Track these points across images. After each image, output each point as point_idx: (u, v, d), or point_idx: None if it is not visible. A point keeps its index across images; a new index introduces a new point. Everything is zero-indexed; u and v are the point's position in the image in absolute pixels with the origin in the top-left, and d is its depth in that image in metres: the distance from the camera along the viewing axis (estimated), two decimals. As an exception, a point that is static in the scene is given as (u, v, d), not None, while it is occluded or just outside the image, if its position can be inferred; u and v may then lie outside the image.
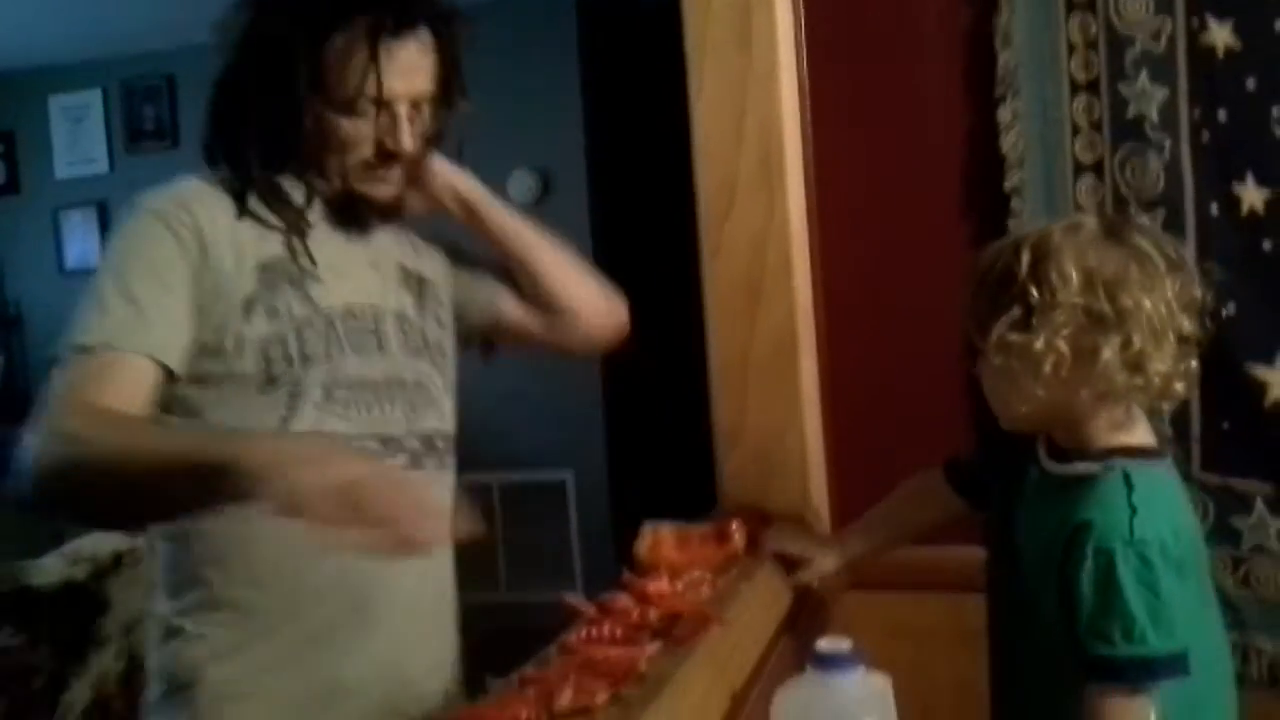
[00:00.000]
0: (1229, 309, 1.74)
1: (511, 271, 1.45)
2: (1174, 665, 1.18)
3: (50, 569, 2.38)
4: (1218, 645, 1.35)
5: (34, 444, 1.09)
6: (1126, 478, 1.22)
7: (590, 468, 4.58)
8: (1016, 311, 1.20)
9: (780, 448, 1.70)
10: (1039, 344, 1.19)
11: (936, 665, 1.59)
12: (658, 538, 1.37)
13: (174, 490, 1.03)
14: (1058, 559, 1.23)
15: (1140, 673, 1.17)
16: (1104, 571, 1.19)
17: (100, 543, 2.54)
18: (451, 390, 1.38)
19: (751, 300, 1.69)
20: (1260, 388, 1.86)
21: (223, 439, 1.08)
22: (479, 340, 1.48)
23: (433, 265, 1.41)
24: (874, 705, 1.08)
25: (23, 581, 2.32)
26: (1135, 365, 1.20)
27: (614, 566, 4.44)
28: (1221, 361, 1.68)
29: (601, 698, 0.95)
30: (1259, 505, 1.89)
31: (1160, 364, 1.21)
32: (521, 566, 4.78)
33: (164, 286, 1.17)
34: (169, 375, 1.17)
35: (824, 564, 1.53)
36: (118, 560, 2.54)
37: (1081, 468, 1.26)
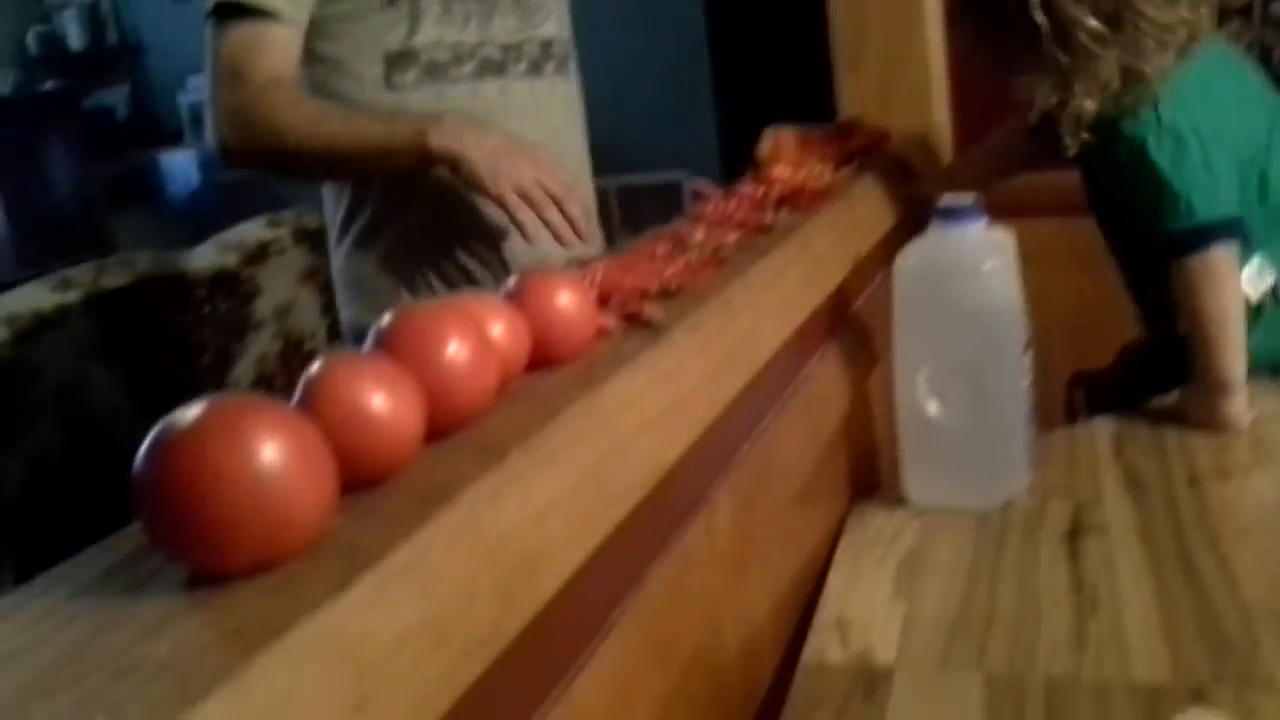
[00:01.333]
0: None
1: None
2: (1228, 228, 1.26)
3: (204, 256, 2.53)
4: None
5: (220, 121, 1.23)
6: None
7: (705, 168, 4.57)
8: None
9: (902, 66, 1.67)
10: None
11: (1054, 287, 1.60)
12: (779, 138, 1.39)
13: (368, 168, 1.25)
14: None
15: (1199, 240, 1.26)
16: (1140, 160, 1.26)
17: (246, 234, 2.67)
18: None
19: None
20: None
21: (412, 124, 1.19)
22: None
23: None
24: (995, 251, 1.11)
25: (181, 268, 2.46)
26: None
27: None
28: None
29: (731, 238, 1.00)
30: None
31: None
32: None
33: None
34: None
35: (934, 186, 1.54)
36: (264, 249, 2.67)
37: None
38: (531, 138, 1.24)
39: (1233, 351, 1.27)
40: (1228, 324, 1.28)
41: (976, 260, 1.09)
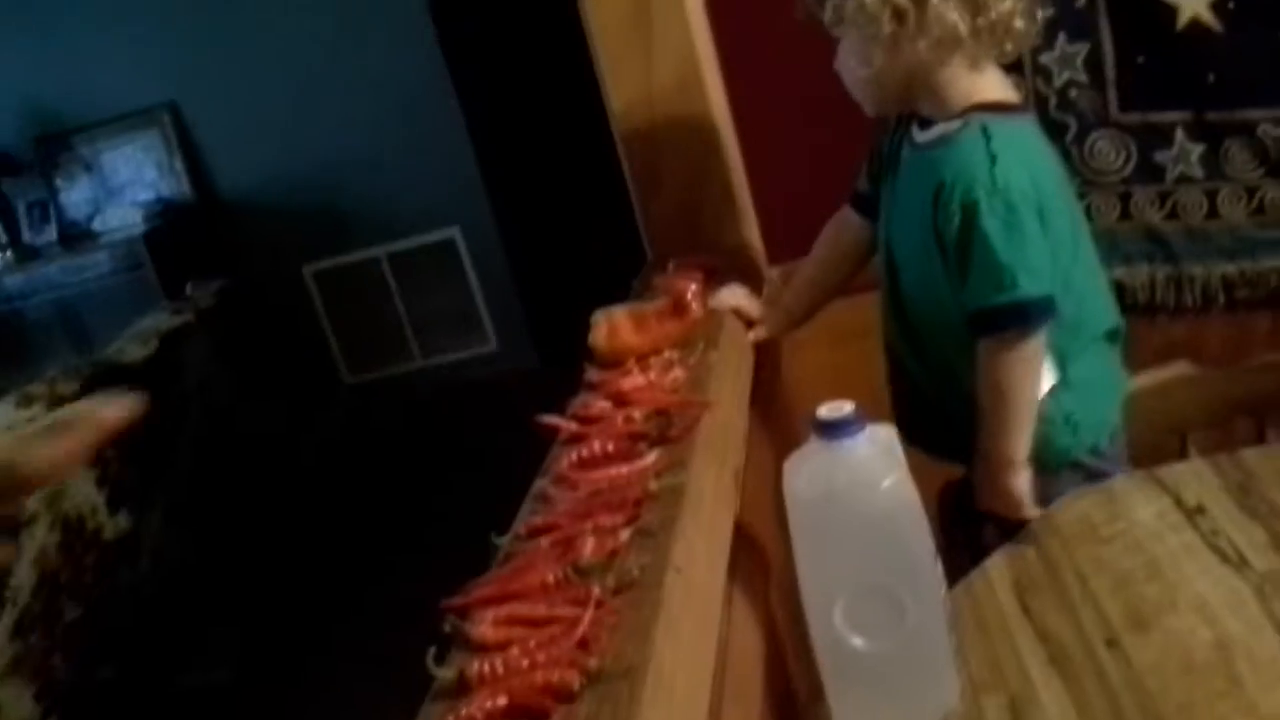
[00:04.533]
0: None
1: None
2: (1046, 308, 1.27)
3: None
4: (1097, 288, 1.44)
5: None
6: (984, 129, 1.27)
7: (477, 220, 4.41)
8: None
9: (703, 187, 1.59)
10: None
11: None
12: (613, 323, 1.28)
13: None
14: (930, 224, 1.30)
15: (1016, 318, 1.27)
16: (970, 224, 1.25)
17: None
18: None
19: (644, 34, 1.53)
20: (1171, 13, 1.81)
21: None
22: None
23: None
24: (887, 461, 1.04)
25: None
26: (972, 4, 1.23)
27: (521, 310, 4.39)
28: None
29: (624, 535, 0.88)
30: (1179, 135, 1.88)
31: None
32: (430, 333, 4.69)
33: None
34: None
35: (772, 326, 1.50)
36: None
37: (941, 128, 1.30)
38: None
39: (1027, 433, 1.30)
40: (1026, 406, 1.31)
41: (873, 479, 1.01)
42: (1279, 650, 1.03)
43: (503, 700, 0.72)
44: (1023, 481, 1.33)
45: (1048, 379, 1.37)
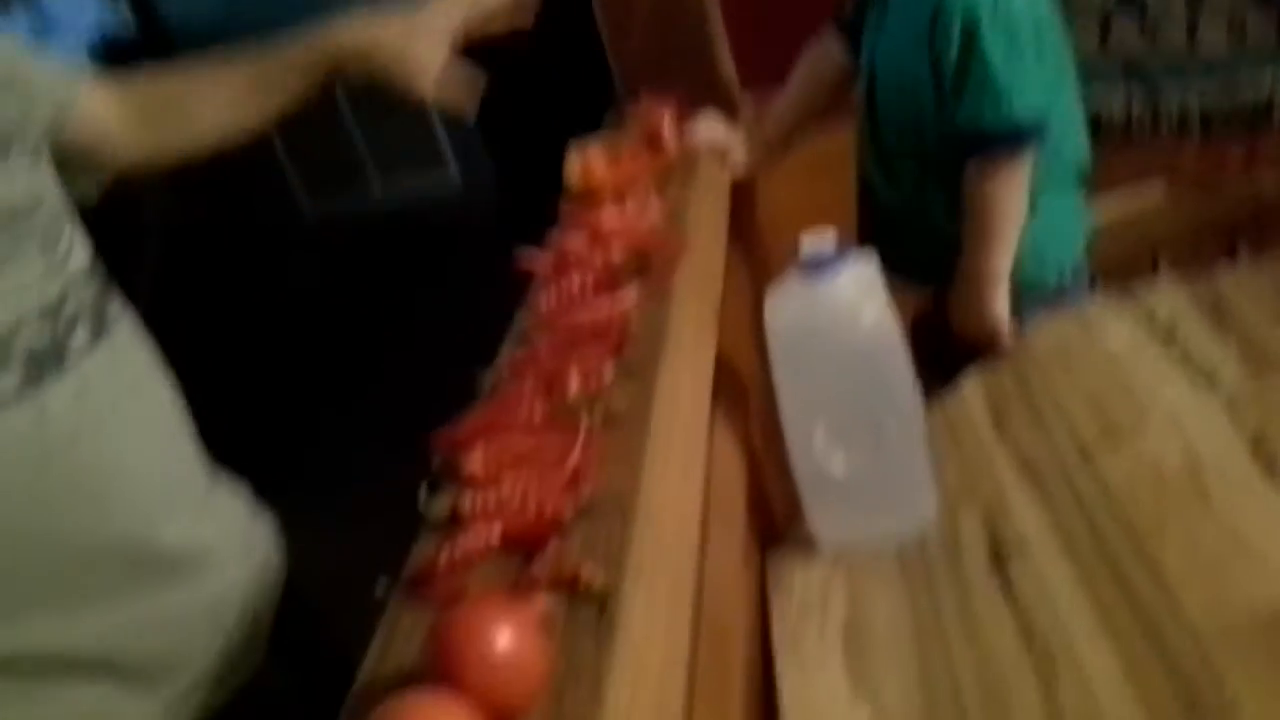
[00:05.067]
0: None
1: None
2: (1036, 132, 1.30)
3: None
4: (1074, 122, 1.46)
5: None
6: None
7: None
8: None
9: (674, 15, 1.54)
10: None
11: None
12: (588, 160, 1.25)
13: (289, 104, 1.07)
14: (924, 46, 1.29)
15: (1009, 140, 1.29)
16: (970, 44, 1.25)
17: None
18: None
19: None
20: None
21: (311, 40, 1.06)
22: None
23: None
24: (869, 293, 1.04)
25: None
26: None
27: (478, 138, 4.26)
28: None
29: (609, 374, 0.89)
30: (1161, -42, 1.83)
31: None
32: (390, 167, 4.60)
33: None
34: None
35: (749, 158, 1.48)
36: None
37: None
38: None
39: (1010, 251, 1.33)
40: (1012, 224, 1.33)
41: (855, 312, 1.01)
42: (1248, 466, 1.06)
43: (497, 533, 0.74)
44: (1002, 299, 1.36)
45: None
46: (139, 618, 0.90)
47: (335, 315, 4.03)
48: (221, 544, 0.97)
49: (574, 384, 0.87)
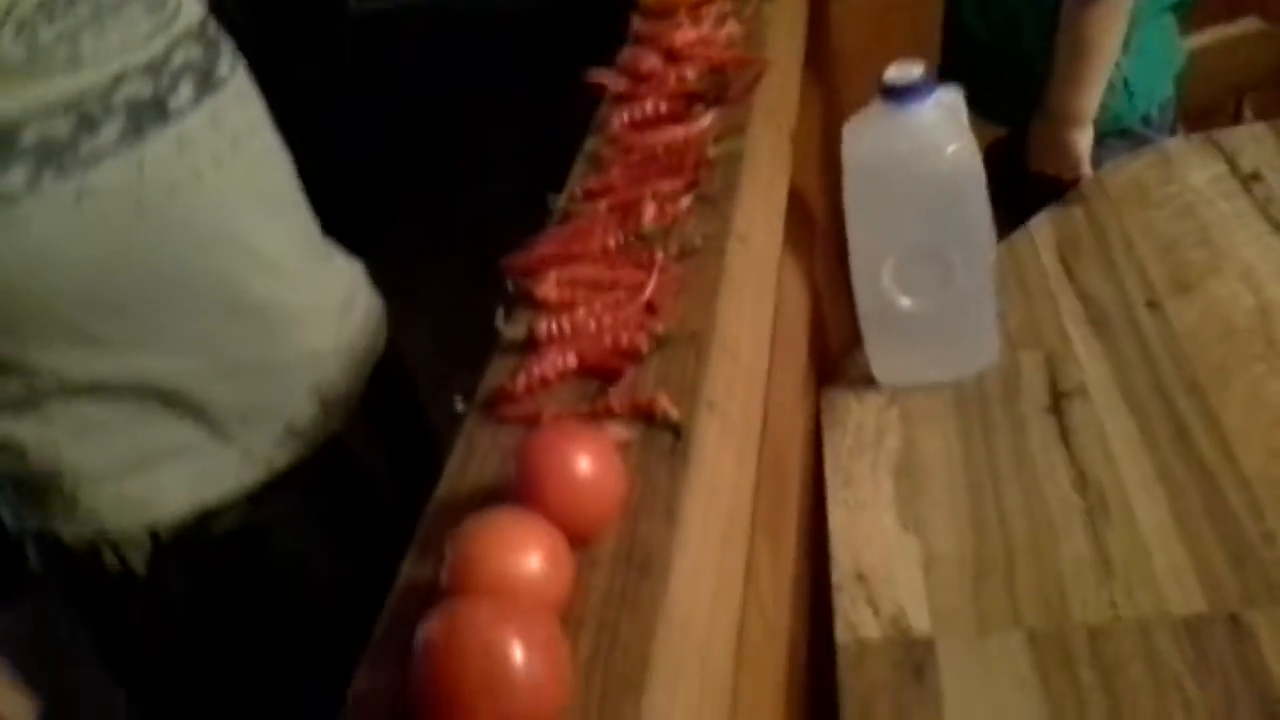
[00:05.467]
0: None
1: None
2: None
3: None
4: None
5: None
6: None
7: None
8: None
9: None
10: None
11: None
12: (663, -28, 1.20)
13: None
14: None
15: None
16: None
17: None
18: None
19: None
20: None
21: None
22: None
23: None
24: (954, 126, 1.01)
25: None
26: None
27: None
28: None
29: (684, 202, 0.88)
30: None
31: None
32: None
33: None
34: None
35: None
36: None
37: None
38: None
39: (1099, 89, 1.29)
40: (1106, 61, 1.29)
41: (938, 145, 0.99)
42: (1321, 319, 1.05)
43: (573, 360, 0.75)
44: (1085, 139, 1.33)
45: None
46: (233, 363, 0.94)
47: (383, 122, 3.96)
48: (321, 305, 1.01)
49: (649, 214, 0.86)
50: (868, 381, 1.13)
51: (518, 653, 0.51)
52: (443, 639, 0.51)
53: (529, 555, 0.57)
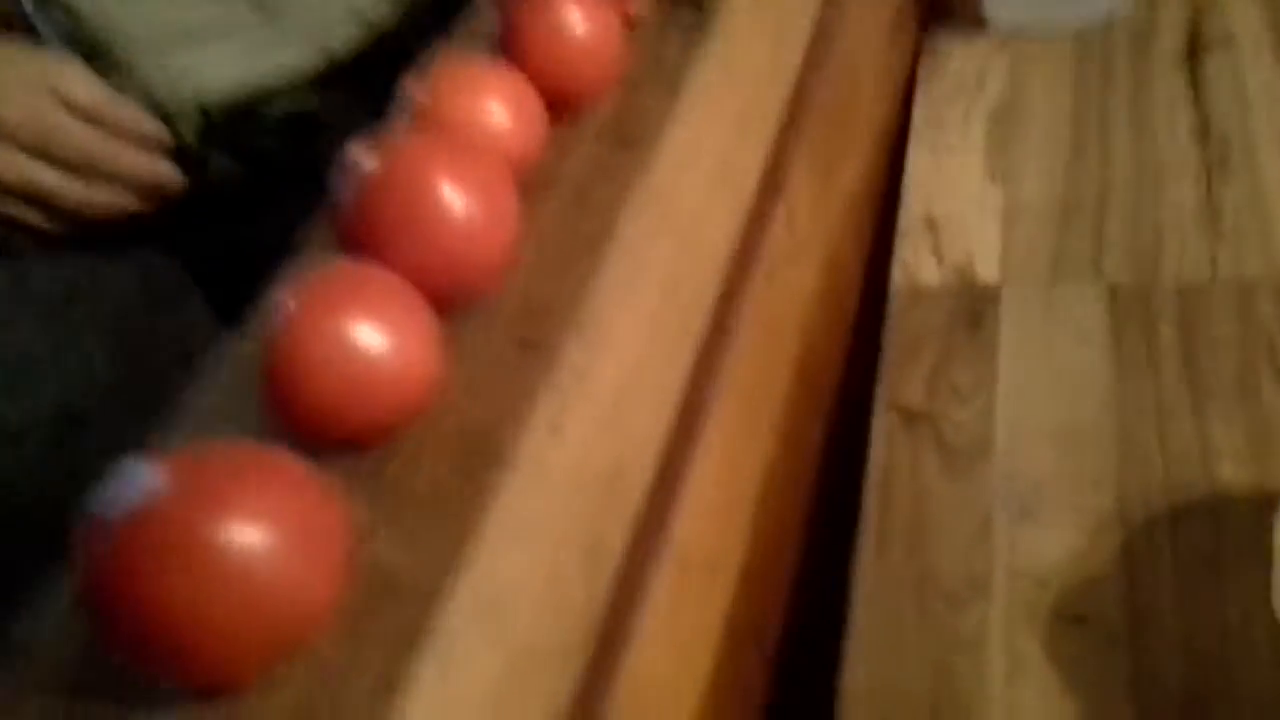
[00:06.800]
0: None
1: None
2: None
3: None
4: None
5: None
6: None
7: None
8: None
9: None
10: None
11: None
12: None
13: None
14: None
15: None
16: None
17: None
18: None
19: None
20: None
21: None
22: None
23: None
24: None
25: None
26: None
27: None
28: None
29: None
30: None
31: None
32: None
33: None
34: None
35: None
36: None
37: None
38: None
39: None
40: None
41: None
42: None
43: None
44: None
45: None
46: None
47: None
48: None
49: None
50: (981, 25, 1.00)
51: (447, 189, 0.45)
52: (372, 175, 0.46)
53: (488, 100, 0.50)
